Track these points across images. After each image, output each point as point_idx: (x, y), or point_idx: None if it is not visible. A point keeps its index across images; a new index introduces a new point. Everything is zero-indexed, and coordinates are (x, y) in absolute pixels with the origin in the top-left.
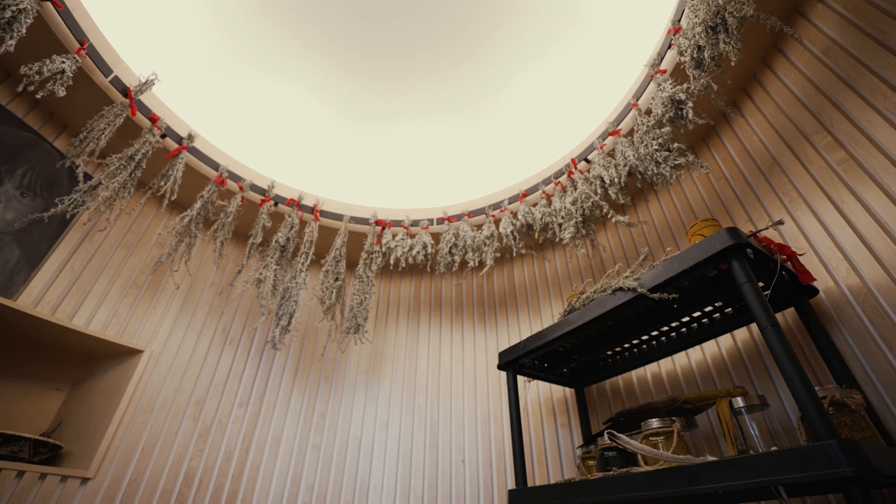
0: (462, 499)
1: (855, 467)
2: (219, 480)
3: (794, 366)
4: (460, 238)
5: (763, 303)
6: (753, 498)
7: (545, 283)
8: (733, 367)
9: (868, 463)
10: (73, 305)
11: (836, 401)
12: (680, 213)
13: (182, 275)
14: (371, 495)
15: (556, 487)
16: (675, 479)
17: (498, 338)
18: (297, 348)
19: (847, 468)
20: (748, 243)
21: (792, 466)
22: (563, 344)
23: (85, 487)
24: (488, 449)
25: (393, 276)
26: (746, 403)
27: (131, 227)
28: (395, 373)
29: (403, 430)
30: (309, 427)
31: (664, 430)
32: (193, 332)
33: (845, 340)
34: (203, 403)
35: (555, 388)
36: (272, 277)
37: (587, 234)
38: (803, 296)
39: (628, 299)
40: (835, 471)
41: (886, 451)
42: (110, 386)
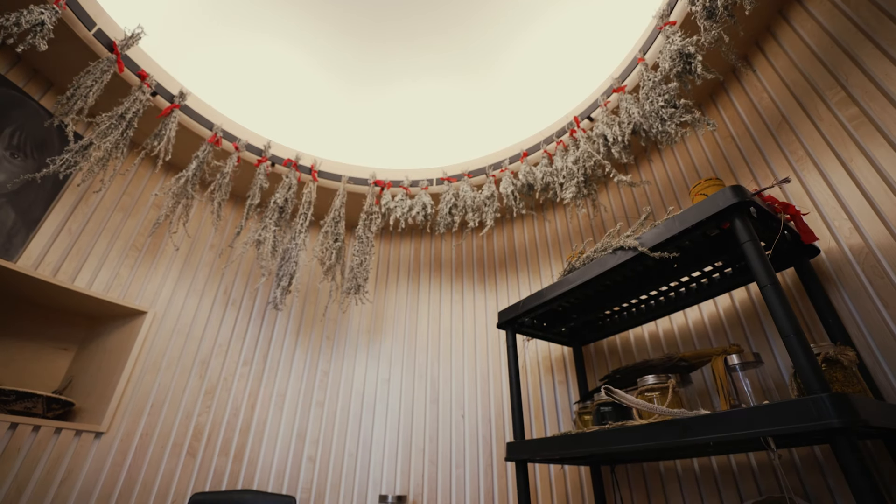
0: (462, 451)
1: (843, 419)
2: (227, 434)
3: (791, 323)
4: (460, 198)
5: (764, 261)
6: (742, 449)
7: (545, 244)
8: (730, 327)
9: (856, 415)
10: (74, 267)
11: (829, 357)
12: (683, 173)
13: (181, 237)
14: (374, 448)
15: (553, 440)
16: (669, 431)
17: (497, 298)
18: (298, 309)
19: (836, 420)
20: (752, 201)
21: (783, 418)
22: (562, 303)
23: (99, 441)
24: (487, 405)
25: (393, 237)
26: (741, 360)
27: (127, 188)
28: (395, 332)
29: (404, 387)
30: (312, 384)
31: (660, 385)
32: (195, 294)
33: (842, 300)
34: (208, 362)
35: (553, 347)
36: (271, 239)
37: (588, 194)
38: (804, 256)
39: (628, 258)
40: (824, 422)
41: (874, 403)
42: (116, 346)
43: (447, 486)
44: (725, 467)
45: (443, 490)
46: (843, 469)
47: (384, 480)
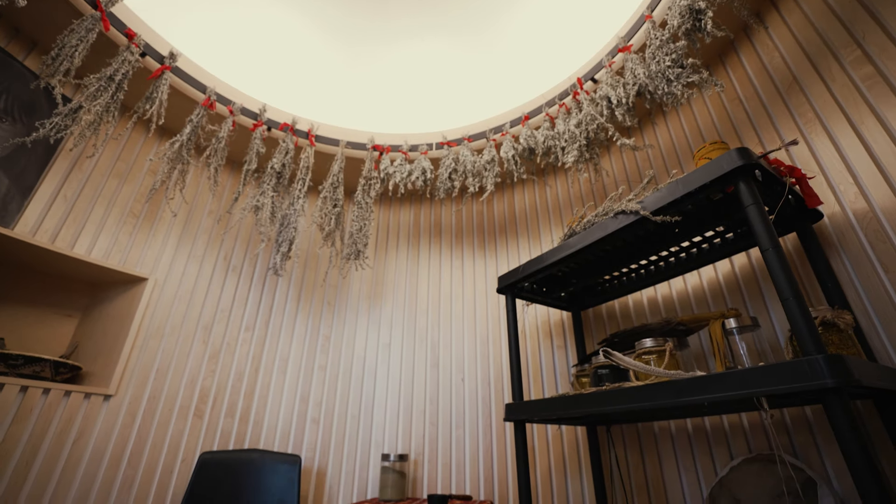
0: (462, 413)
1: (837, 379)
2: (232, 397)
3: (791, 286)
4: (460, 163)
5: (767, 225)
6: (735, 410)
7: (546, 209)
8: (728, 292)
9: (850, 375)
10: (72, 234)
11: (826, 321)
12: (688, 137)
13: (178, 203)
14: (376, 410)
15: (552, 401)
16: (665, 392)
17: (497, 264)
18: (298, 274)
19: (830, 380)
20: (758, 164)
21: (777, 379)
22: (562, 268)
23: (108, 403)
24: (487, 369)
25: (392, 202)
26: (738, 324)
27: (121, 154)
28: (396, 298)
29: (405, 351)
30: (314, 349)
31: (657, 349)
32: (195, 260)
33: (843, 264)
34: (211, 328)
35: (552, 312)
36: (269, 204)
37: (590, 158)
38: (806, 220)
39: (630, 222)
40: (818, 382)
41: (867, 365)
42: (119, 312)
43: (447, 445)
44: (718, 427)
45: (443, 449)
46: (834, 427)
47: (386, 440)
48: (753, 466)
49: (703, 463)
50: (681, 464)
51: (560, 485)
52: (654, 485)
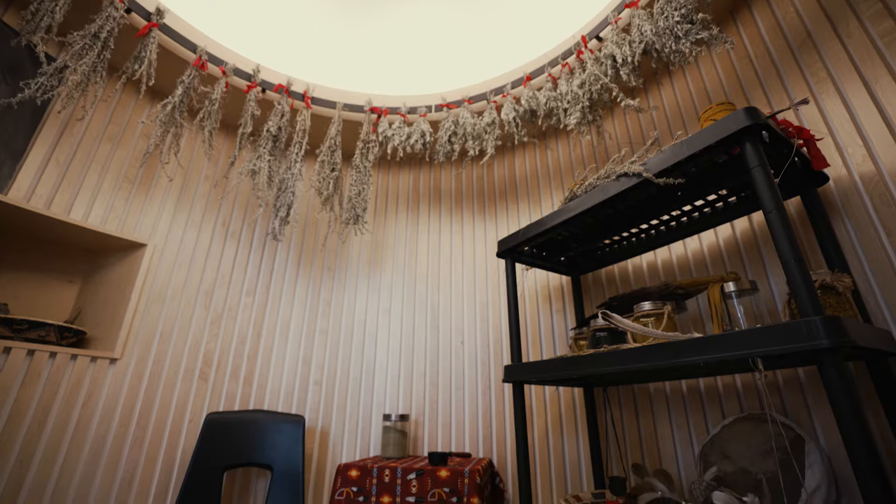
0: (461, 375)
1: (833, 339)
2: (236, 361)
3: (793, 249)
4: (460, 126)
5: (772, 187)
6: (730, 371)
7: (546, 174)
8: (728, 256)
9: (846, 335)
10: (67, 200)
11: (825, 284)
12: (693, 98)
13: (174, 168)
14: (377, 372)
15: (550, 362)
16: (662, 353)
17: (497, 228)
18: (298, 240)
19: (825, 340)
20: (766, 124)
21: (774, 340)
22: (562, 232)
23: (114, 367)
24: (486, 332)
25: (391, 166)
26: (737, 288)
27: (112, 117)
28: (395, 263)
29: (405, 315)
30: (316, 313)
31: (655, 311)
32: (193, 226)
33: (845, 228)
34: (212, 293)
35: (552, 276)
36: (266, 169)
37: (593, 121)
38: (811, 184)
39: (632, 185)
40: (814, 343)
41: (863, 326)
42: (120, 278)
43: (447, 406)
44: (712, 388)
45: (443, 410)
46: (827, 386)
47: (387, 401)
48: (745, 425)
49: (696, 422)
50: (674, 423)
51: (556, 443)
52: (647, 443)
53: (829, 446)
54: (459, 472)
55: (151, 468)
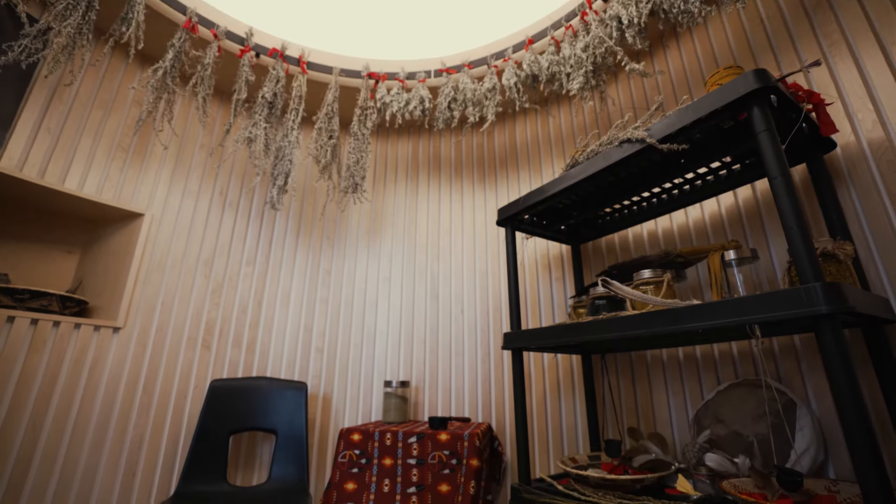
0: (461, 342)
1: (832, 306)
2: (237, 329)
3: (796, 215)
4: (460, 91)
5: (778, 152)
6: (727, 338)
7: (548, 141)
8: (730, 225)
9: (844, 301)
10: (61, 169)
11: (826, 252)
12: (700, 62)
13: (168, 136)
14: (378, 340)
15: (549, 329)
16: (660, 319)
17: (497, 197)
18: (296, 209)
19: (824, 306)
20: (775, 87)
21: (773, 306)
22: (563, 200)
23: (117, 336)
24: (486, 300)
25: (389, 134)
26: (737, 256)
27: (102, 83)
28: (395, 232)
29: (405, 284)
30: (316, 282)
31: (655, 279)
32: (191, 196)
33: (850, 196)
34: (212, 263)
35: (551, 245)
36: (263, 136)
37: (597, 86)
38: (818, 150)
39: (635, 151)
40: (812, 309)
41: (861, 292)
42: (119, 248)
43: (447, 373)
44: (708, 355)
45: (443, 376)
46: (823, 353)
47: (388, 368)
48: (739, 390)
49: (692, 388)
50: (670, 389)
51: (554, 408)
52: (643, 408)
53: (820, 410)
54: (459, 436)
55: (159, 432)
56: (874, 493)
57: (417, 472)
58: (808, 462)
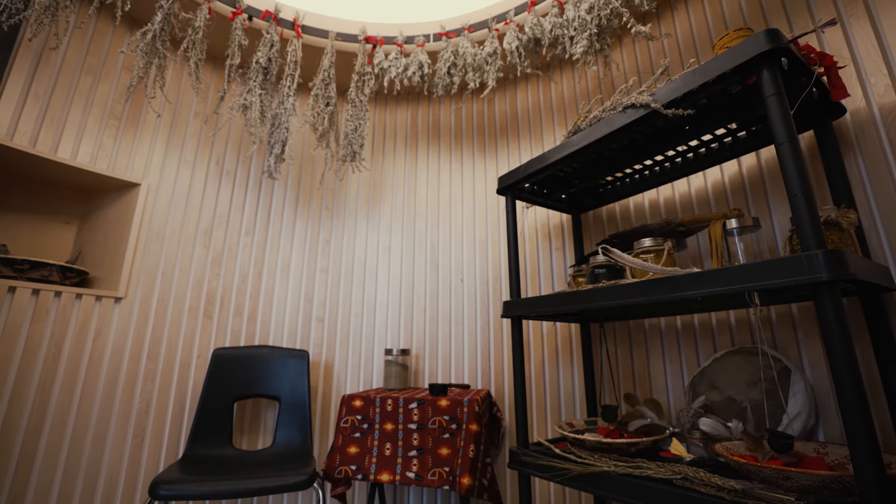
0: (461, 311)
1: (833, 273)
2: (238, 299)
3: (802, 182)
4: (460, 56)
5: (787, 117)
6: (725, 306)
7: (549, 108)
8: (732, 194)
9: (846, 269)
10: (53, 137)
11: (829, 220)
12: (709, 24)
13: (161, 103)
14: (378, 309)
15: (549, 297)
16: (660, 287)
17: (498, 166)
18: (294, 178)
19: (825, 273)
20: (787, 49)
21: (773, 274)
22: (564, 168)
23: (119, 305)
24: (485, 270)
25: (388, 101)
26: (739, 224)
27: (89, 47)
28: (394, 201)
29: (405, 253)
30: (315, 252)
31: (655, 248)
32: (187, 165)
33: (856, 164)
34: (210, 233)
35: (552, 214)
36: (258, 103)
37: (601, 50)
38: (826, 116)
39: (639, 117)
40: (813, 276)
41: (862, 260)
42: (117, 218)
43: (447, 341)
44: (706, 323)
45: (443, 345)
46: (821, 320)
47: (388, 337)
48: (735, 358)
49: (688, 356)
50: (667, 357)
51: (552, 375)
52: (639, 375)
53: (814, 377)
54: (459, 402)
55: (165, 399)
56: (863, 454)
57: (418, 436)
58: (800, 426)
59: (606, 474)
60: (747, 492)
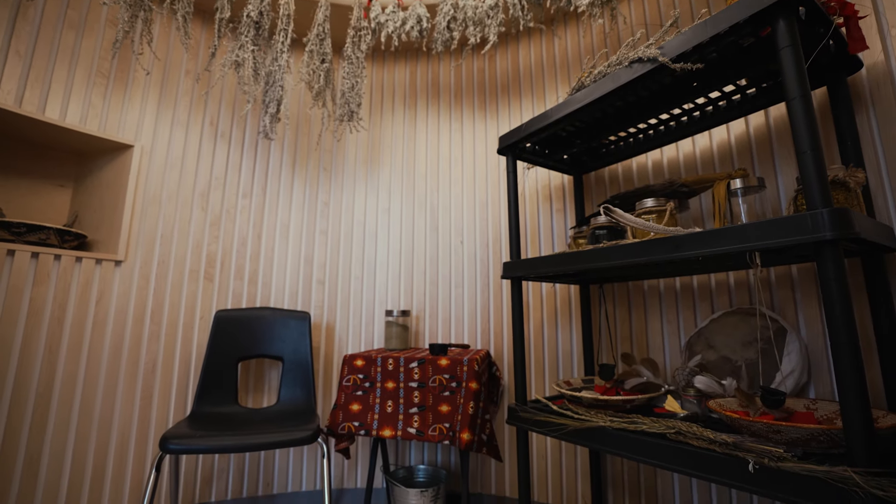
0: (461, 273)
1: (837, 232)
2: (238, 262)
3: (812, 138)
4: (460, 9)
5: (801, 70)
6: (726, 267)
7: (553, 65)
8: (738, 154)
9: (851, 227)
10: (39, 97)
11: (837, 179)
12: None
13: (150, 60)
14: (378, 271)
15: (549, 258)
16: (662, 247)
17: (499, 125)
18: (291, 139)
19: (829, 232)
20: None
21: (777, 233)
22: (567, 126)
23: (120, 269)
24: (485, 232)
25: (386, 58)
26: (744, 185)
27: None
28: (393, 162)
29: (405, 215)
30: (314, 214)
31: (657, 208)
32: (180, 126)
33: (868, 122)
34: (208, 195)
35: (553, 175)
36: (251, 60)
37: (608, 1)
38: (841, 71)
39: (645, 72)
40: (817, 235)
41: (866, 219)
42: (112, 181)
43: (447, 302)
44: (704, 285)
45: (443, 306)
46: (822, 279)
47: (389, 298)
48: (732, 318)
49: (686, 317)
50: (665, 318)
51: (551, 336)
52: (637, 336)
53: (808, 336)
54: (458, 361)
55: (171, 360)
56: (854, 408)
57: (419, 394)
58: (792, 384)
59: (602, 429)
60: (738, 444)
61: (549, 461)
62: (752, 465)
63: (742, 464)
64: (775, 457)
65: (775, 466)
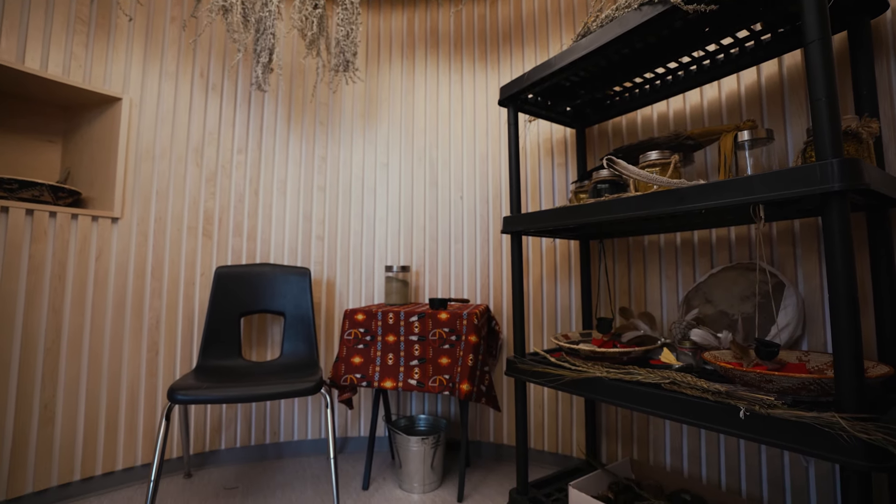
0: (460, 228)
1: (846, 182)
2: (237, 218)
3: (828, 85)
4: None
5: (822, 9)
6: (728, 222)
7: (557, 11)
8: (747, 105)
9: (860, 178)
10: (17, 46)
11: (849, 130)
12: None
13: (132, 5)
14: (377, 227)
15: (550, 212)
16: (665, 200)
17: (500, 77)
18: (286, 91)
19: (837, 183)
20: None
21: (783, 184)
22: (571, 76)
23: (117, 226)
24: (485, 186)
25: (382, 5)
26: (752, 137)
27: None
28: (391, 115)
29: (403, 170)
30: (312, 170)
31: (661, 161)
32: (169, 78)
33: (887, 70)
34: (202, 151)
35: (555, 129)
36: (239, 5)
37: None
38: (864, 13)
39: (656, 14)
40: (825, 186)
41: (875, 170)
42: (102, 136)
43: (447, 258)
44: (705, 241)
45: (443, 262)
46: (826, 230)
47: (388, 254)
48: (731, 273)
49: (685, 273)
50: (664, 273)
51: (550, 290)
52: (636, 291)
53: (806, 291)
54: (458, 315)
55: (174, 315)
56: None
57: (419, 347)
58: (787, 336)
59: (599, 380)
60: (730, 393)
61: (545, 411)
62: (742, 412)
63: (733, 411)
64: (766, 404)
65: (765, 413)
